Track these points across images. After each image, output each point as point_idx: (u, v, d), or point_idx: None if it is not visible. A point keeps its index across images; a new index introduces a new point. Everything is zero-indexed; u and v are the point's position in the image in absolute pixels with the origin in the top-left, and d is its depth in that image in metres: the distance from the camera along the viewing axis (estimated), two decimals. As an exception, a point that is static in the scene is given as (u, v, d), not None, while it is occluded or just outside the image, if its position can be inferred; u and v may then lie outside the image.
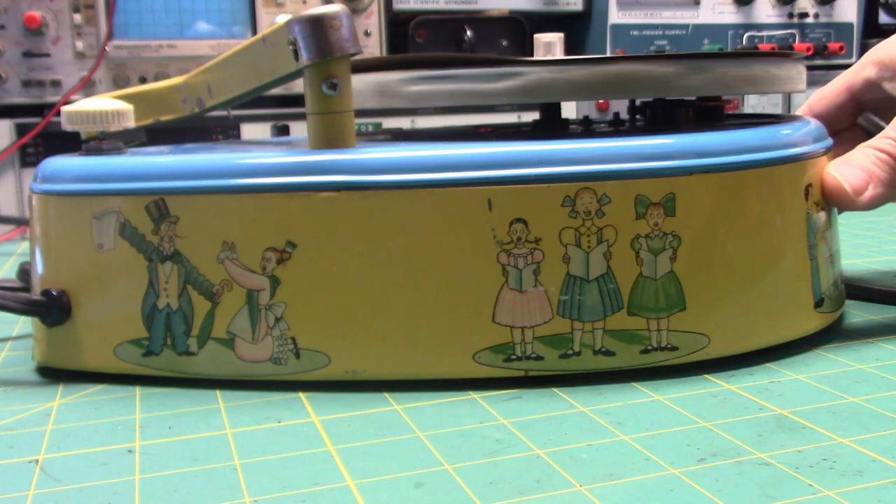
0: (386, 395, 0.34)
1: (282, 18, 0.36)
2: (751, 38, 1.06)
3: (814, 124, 0.40)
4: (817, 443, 0.29)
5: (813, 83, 1.13)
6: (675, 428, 0.30)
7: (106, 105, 0.38)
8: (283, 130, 0.51)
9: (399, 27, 0.99)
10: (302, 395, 0.34)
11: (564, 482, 0.26)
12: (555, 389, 0.34)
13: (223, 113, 0.42)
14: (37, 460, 0.29)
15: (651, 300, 0.34)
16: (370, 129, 0.95)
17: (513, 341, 0.34)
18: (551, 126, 0.44)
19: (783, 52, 0.44)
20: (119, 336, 0.36)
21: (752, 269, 0.36)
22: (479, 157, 0.33)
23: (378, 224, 0.34)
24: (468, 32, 0.99)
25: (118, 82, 0.90)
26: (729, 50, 1.04)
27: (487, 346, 0.34)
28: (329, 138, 0.35)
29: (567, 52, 1.14)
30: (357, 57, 0.36)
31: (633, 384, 0.34)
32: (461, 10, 1.00)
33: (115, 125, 0.38)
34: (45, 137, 0.88)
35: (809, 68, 1.07)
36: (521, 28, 1.01)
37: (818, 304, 0.38)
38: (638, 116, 0.48)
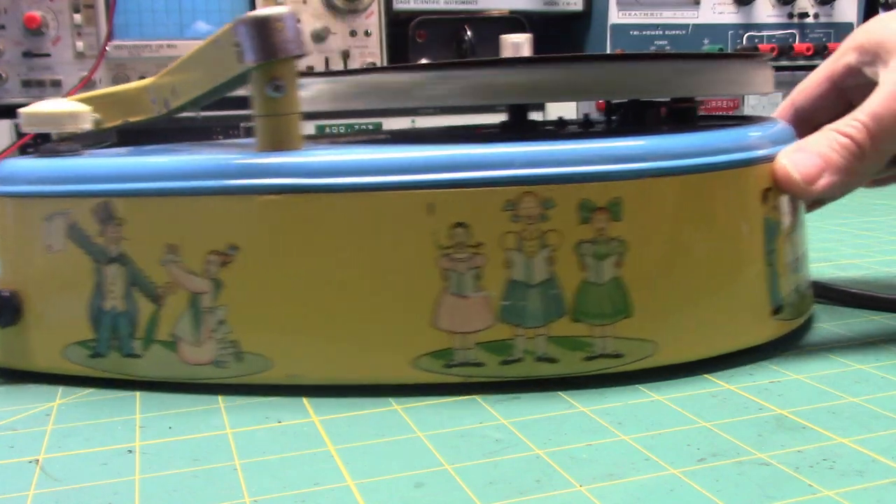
0: (386, 395, 0.34)
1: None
2: (751, 38, 1.06)
3: (779, 127, 0.39)
4: (817, 443, 0.29)
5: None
6: (675, 428, 0.30)
7: (62, 107, 0.38)
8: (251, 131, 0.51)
9: (399, 27, 0.99)
10: (302, 395, 0.34)
11: (564, 482, 0.26)
12: (555, 390, 0.34)
13: (193, 114, 0.42)
14: (37, 460, 0.29)
15: (595, 306, 0.33)
16: (370, 128, 0.95)
17: (453, 347, 0.33)
18: (519, 127, 0.43)
19: (749, 52, 0.43)
20: (67, 337, 0.36)
21: (702, 275, 0.35)
22: (420, 161, 0.33)
23: (319, 227, 0.33)
24: (468, 32, 0.99)
25: (118, 82, 0.90)
26: (729, 50, 1.05)
27: (427, 351, 0.33)
28: (275, 140, 0.35)
29: (567, 52, 1.14)
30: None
31: (634, 384, 0.34)
32: (461, 10, 1.00)
33: (71, 127, 0.38)
34: (45, 137, 0.88)
35: (810, 68, 1.07)
36: (521, 28, 1.01)
37: (777, 311, 0.37)
38: (613, 118, 0.47)
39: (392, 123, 0.95)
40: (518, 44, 0.44)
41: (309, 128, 0.90)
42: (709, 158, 0.34)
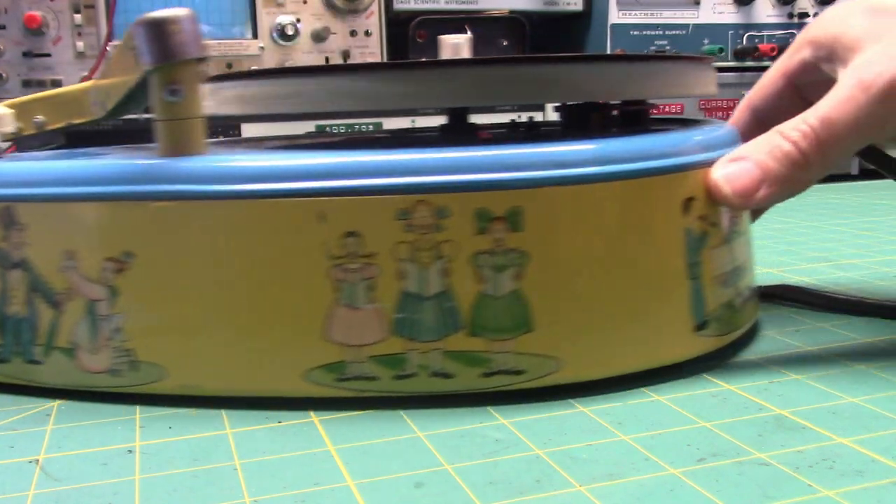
0: (386, 395, 0.34)
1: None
2: (751, 38, 1.06)
3: (716, 132, 0.38)
4: (817, 443, 0.29)
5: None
6: (675, 428, 0.30)
7: None
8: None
9: (399, 27, 0.99)
10: (302, 395, 0.34)
11: (564, 482, 0.26)
12: (555, 390, 0.34)
13: (135, 116, 0.41)
14: (37, 460, 0.29)
15: (494, 320, 0.32)
16: (370, 128, 0.95)
17: (345, 360, 0.32)
18: (457, 131, 0.42)
19: (693, 55, 0.42)
20: None
21: (611, 289, 0.33)
22: (311, 168, 0.32)
23: (211, 235, 0.33)
24: (468, 32, 0.99)
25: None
26: (729, 50, 1.05)
27: (320, 364, 0.32)
28: (175, 145, 0.34)
29: (567, 52, 1.14)
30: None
31: (634, 385, 0.34)
32: (461, 10, 1.00)
33: None
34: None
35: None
36: (521, 28, 1.01)
37: (700, 326, 0.36)
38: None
39: (392, 123, 0.95)
40: (458, 45, 0.43)
41: (309, 127, 0.90)
42: (614, 167, 0.33)
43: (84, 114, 0.42)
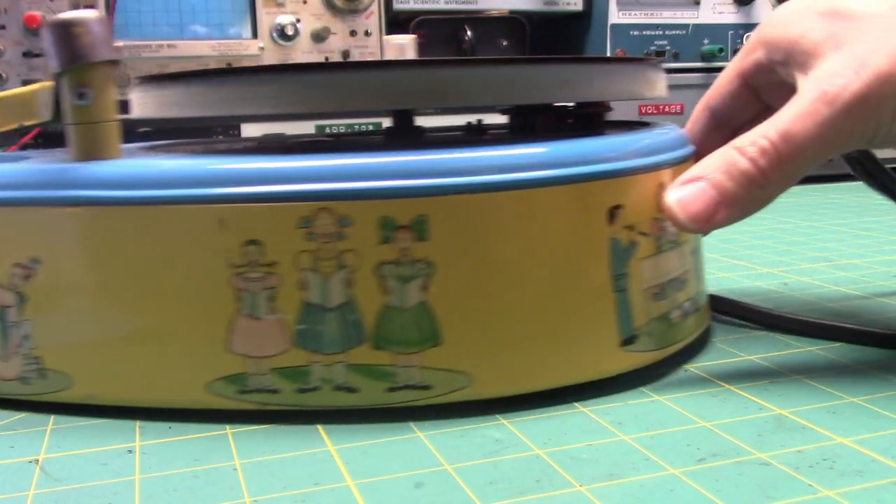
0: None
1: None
2: (751, 38, 1.06)
3: (660, 136, 0.36)
4: (817, 443, 0.29)
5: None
6: (675, 428, 0.30)
7: None
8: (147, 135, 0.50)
9: (399, 27, 0.99)
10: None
11: (564, 482, 0.26)
12: (555, 390, 0.34)
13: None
14: (37, 460, 0.29)
15: (399, 333, 0.31)
16: (370, 128, 0.95)
17: (247, 372, 0.31)
18: (403, 133, 0.41)
19: (641, 56, 0.41)
20: None
21: (525, 301, 0.32)
22: (212, 173, 0.31)
23: (115, 242, 0.32)
24: (468, 32, 0.99)
25: (118, 82, 0.90)
26: (729, 50, 1.04)
27: (221, 375, 0.31)
28: (86, 150, 0.33)
29: (567, 52, 1.13)
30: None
31: (634, 385, 0.34)
32: (461, 10, 1.00)
33: None
34: (46, 137, 0.88)
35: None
36: (521, 28, 1.01)
37: (628, 341, 0.34)
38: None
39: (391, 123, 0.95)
40: (402, 45, 0.43)
41: (309, 127, 0.90)
42: (524, 175, 0.31)
43: (34, 116, 0.41)
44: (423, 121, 0.44)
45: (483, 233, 0.31)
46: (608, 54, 1.02)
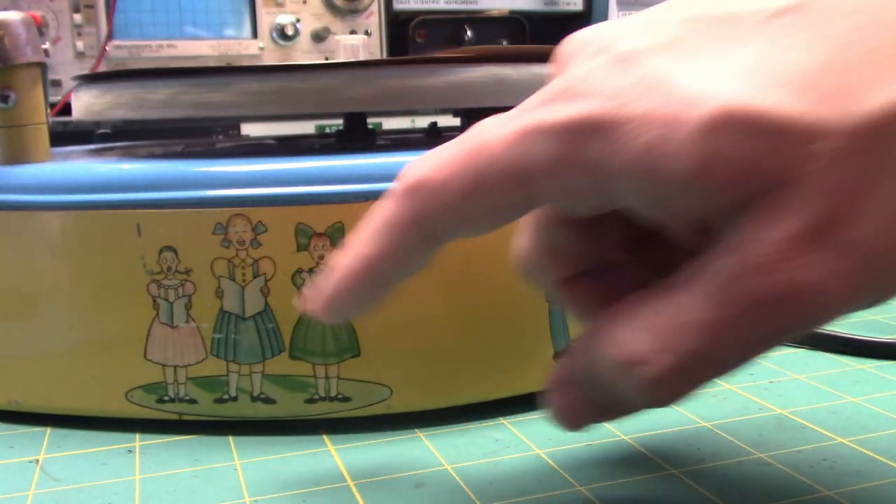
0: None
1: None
2: (751, 38, 1.06)
3: None
4: (817, 443, 0.29)
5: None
6: (675, 428, 0.30)
7: None
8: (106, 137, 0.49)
9: (399, 27, 0.99)
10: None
11: (564, 482, 0.26)
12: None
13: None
14: (37, 460, 0.29)
15: (318, 343, 0.30)
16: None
17: (165, 381, 0.31)
18: (354, 137, 0.41)
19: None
20: None
21: (449, 313, 0.31)
22: (128, 178, 0.31)
23: (33, 247, 0.32)
24: (468, 32, 0.99)
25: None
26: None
27: (140, 384, 0.31)
28: (12, 153, 0.33)
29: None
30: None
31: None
32: (461, 10, 1.00)
33: None
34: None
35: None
36: (521, 28, 1.01)
37: (561, 354, 0.32)
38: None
39: (392, 123, 0.95)
40: (354, 46, 0.42)
41: (308, 127, 0.90)
42: None
43: None
44: (422, 121, 0.44)
45: None
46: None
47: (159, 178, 0.30)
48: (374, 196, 0.29)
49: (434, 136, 0.44)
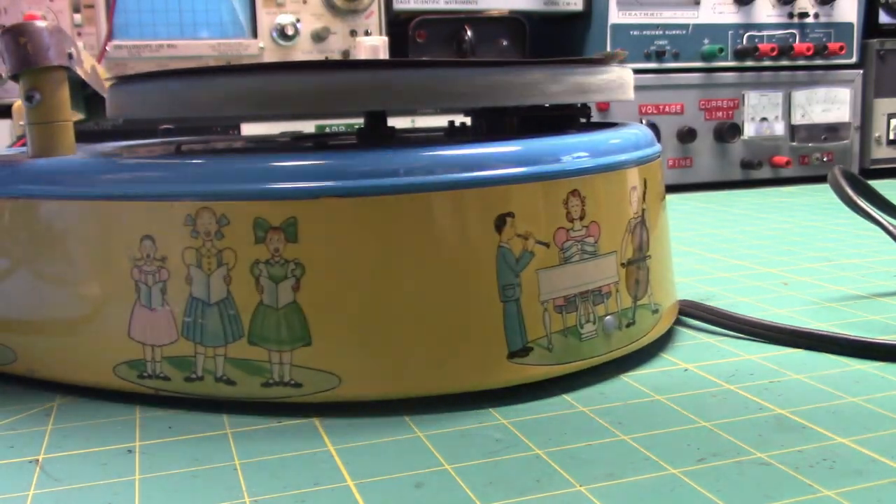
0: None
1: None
2: (751, 38, 1.06)
3: (574, 142, 0.35)
4: (817, 443, 0.29)
5: (814, 83, 1.13)
6: (675, 428, 0.30)
7: None
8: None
9: (399, 27, 0.99)
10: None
11: (564, 482, 0.26)
12: (555, 390, 0.34)
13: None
14: (37, 460, 0.29)
15: (272, 331, 0.32)
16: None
17: (145, 358, 0.33)
18: (375, 135, 0.42)
19: (603, 56, 0.38)
20: None
21: (398, 306, 0.32)
22: (115, 172, 0.34)
23: (43, 231, 0.35)
24: (468, 32, 0.99)
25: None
26: (729, 50, 1.04)
27: (124, 360, 0.34)
28: (40, 147, 0.37)
29: (567, 52, 1.14)
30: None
31: (634, 384, 0.34)
32: (461, 10, 1.00)
33: None
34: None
35: (809, 68, 1.07)
36: (521, 28, 1.01)
37: (517, 353, 0.33)
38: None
39: (392, 122, 0.95)
40: (375, 47, 0.43)
41: (308, 127, 0.90)
42: (397, 179, 0.31)
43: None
44: (423, 121, 0.44)
45: (354, 236, 0.31)
46: None
47: (141, 172, 0.33)
48: (326, 193, 0.31)
49: (452, 135, 0.45)
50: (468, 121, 0.48)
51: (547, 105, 0.40)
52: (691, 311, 0.42)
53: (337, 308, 0.32)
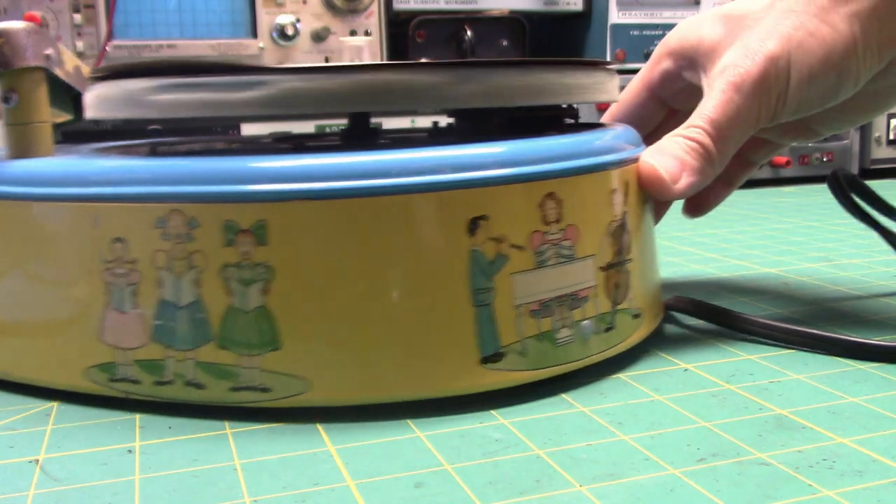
0: (386, 395, 0.34)
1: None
2: (751, 38, 1.06)
3: (552, 145, 0.34)
4: (817, 443, 0.29)
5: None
6: (675, 428, 0.30)
7: None
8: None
9: (399, 27, 0.99)
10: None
11: (564, 482, 0.26)
12: (555, 390, 0.34)
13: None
14: (37, 460, 0.29)
15: (242, 335, 0.31)
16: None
17: (116, 362, 0.33)
18: (359, 136, 0.41)
19: (592, 60, 0.39)
20: None
21: (368, 310, 0.31)
22: (88, 174, 0.33)
23: (14, 233, 0.35)
24: (468, 32, 0.99)
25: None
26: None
27: (96, 363, 0.33)
28: (17, 148, 0.36)
29: (567, 52, 1.13)
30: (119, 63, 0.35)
31: (634, 384, 0.34)
32: (461, 10, 1.00)
33: None
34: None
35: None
36: (521, 28, 1.01)
37: (490, 359, 0.32)
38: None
39: (392, 123, 0.95)
40: (359, 48, 0.43)
41: (308, 127, 0.90)
42: (366, 182, 0.31)
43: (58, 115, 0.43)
44: (422, 121, 0.44)
45: (323, 239, 0.31)
46: (608, 54, 1.02)
47: (113, 173, 0.33)
48: (296, 196, 0.31)
49: (436, 136, 0.45)
50: (437, 122, 0.48)
51: (528, 106, 0.39)
52: (683, 307, 0.42)
53: (307, 312, 0.31)
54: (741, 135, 0.37)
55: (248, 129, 0.95)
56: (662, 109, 0.44)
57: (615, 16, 1.02)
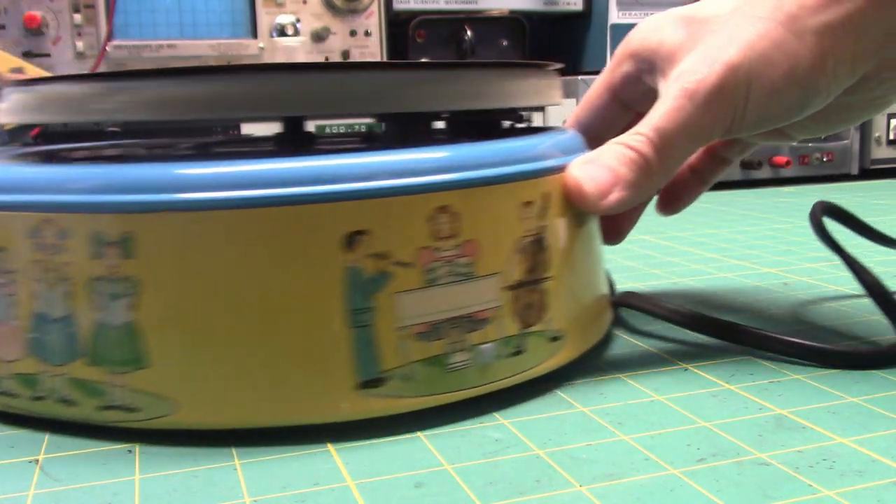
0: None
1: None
2: (751, 38, 1.06)
3: (455, 153, 0.32)
4: (817, 443, 0.29)
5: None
6: (675, 428, 0.30)
7: None
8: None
9: (399, 27, 0.99)
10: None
11: (564, 482, 0.26)
12: (555, 390, 0.34)
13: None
14: (37, 460, 0.29)
15: (111, 351, 0.30)
16: (363, 128, 0.95)
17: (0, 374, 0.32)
18: (292, 140, 0.40)
19: (532, 62, 0.37)
20: None
21: (239, 330, 0.30)
22: None
23: None
24: (468, 32, 0.99)
25: None
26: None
27: None
28: None
29: (567, 52, 1.13)
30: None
31: (634, 384, 0.34)
32: (461, 10, 1.00)
33: None
34: (46, 137, 0.88)
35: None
36: (521, 28, 1.01)
37: (370, 384, 0.30)
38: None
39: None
40: (292, 48, 0.42)
41: (308, 127, 0.90)
42: (237, 193, 0.29)
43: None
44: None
45: (194, 254, 0.29)
46: (608, 54, 1.02)
47: None
48: (165, 207, 0.29)
49: (371, 140, 0.43)
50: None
51: (462, 110, 0.37)
52: (629, 302, 0.42)
53: (176, 329, 0.30)
54: (689, 146, 0.35)
55: (246, 130, 0.95)
56: (627, 112, 0.41)
57: (615, 16, 1.02)
